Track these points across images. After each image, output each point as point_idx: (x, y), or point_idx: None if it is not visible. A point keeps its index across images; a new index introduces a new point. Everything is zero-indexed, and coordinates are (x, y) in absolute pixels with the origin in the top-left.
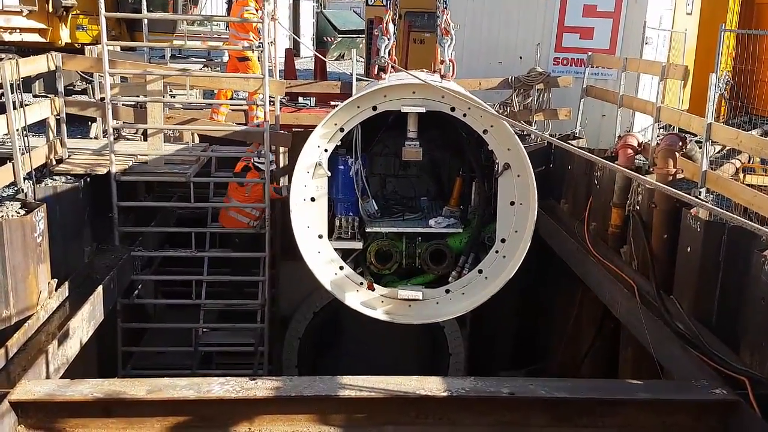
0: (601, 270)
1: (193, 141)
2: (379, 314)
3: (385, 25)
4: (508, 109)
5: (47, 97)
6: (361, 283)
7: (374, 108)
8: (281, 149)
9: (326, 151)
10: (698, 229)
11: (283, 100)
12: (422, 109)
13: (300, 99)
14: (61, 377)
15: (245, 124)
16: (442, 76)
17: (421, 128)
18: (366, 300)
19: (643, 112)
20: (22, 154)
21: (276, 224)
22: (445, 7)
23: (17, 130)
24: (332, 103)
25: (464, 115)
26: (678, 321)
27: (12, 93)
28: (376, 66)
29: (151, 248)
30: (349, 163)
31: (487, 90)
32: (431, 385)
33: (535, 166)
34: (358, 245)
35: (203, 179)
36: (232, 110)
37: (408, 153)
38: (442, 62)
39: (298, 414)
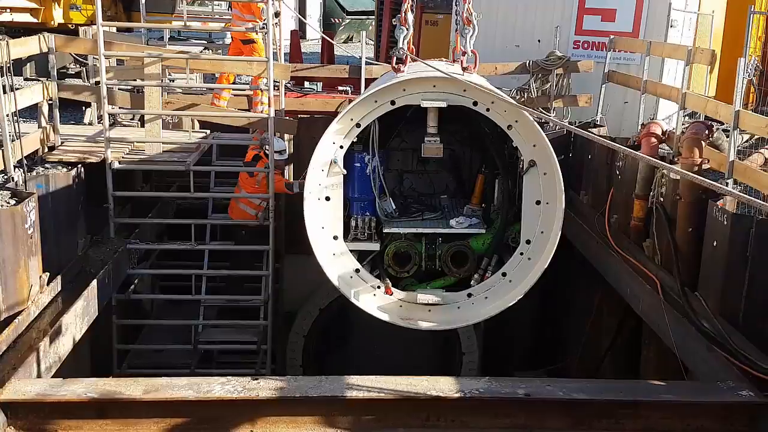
0: (622, 265)
1: (192, 127)
2: (397, 320)
3: (403, 14)
4: (526, 95)
5: (39, 80)
6: (379, 287)
7: (392, 102)
8: (286, 137)
9: (341, 147)
10: (725, 222)
11: (288, 85)
12: (443, 104)
13: (306, 84)
14: (53, 376)
15: (248, 110)
16: (464, 69)
17: (440, 121)
18: (383, 304)
19: (667, 98)
20: (12, 140)
21: (280, 215)
22: None
23: (7, 115)
24: (340, 88)
25: (487, 110)
26: (703, 319)
27: (1, 76)
28: (394, 58)
29: (148, 240)
30: (366, 161)
31: (503, 75)
32: (443, 386)
33: None
34: (375, 246)
35: (204, 168)
36: (235, 95)
37: (428, 150)
38: (463, 53)
39: (303, 416)
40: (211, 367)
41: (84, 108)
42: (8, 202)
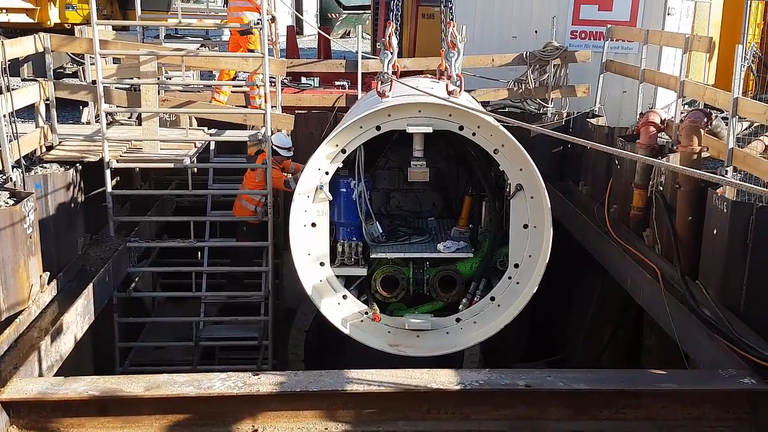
0: (622, 255)
1: (190, 125)
2: (385, 346)
3: (387, 38)
4: (523, 86)
5: (36, 80)
6: (366, 313)
7: (378, 128)
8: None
9: (327, 173)
10: (724, 210)
11: (286, 81)
12: (429, 129)
13: (303, 79)
14: (55, 375)
15: (245, 107)
16: (450, 92)
17: (426, 140)
18: (371, 330)
19: (666, 87)
20: (10, 141)
21: (279, 211)
22: (451, 19)
23: (4, 115)
24: (337, 83)
25: (473, 134)
26: (704, 307)
27: None
28: (379, 82)
29: (148, 238)
30: (352, 186)
31: (500, 66)
32: (443, 379)
33: (552, 147)
34: (362, 271)
35: (202, 165)
36: (232, 92)
37: (414, 174)
38: (449, 77)
39: (304, 410)
40: (213, 363)
41: (81, 107)
42: (6, 203)
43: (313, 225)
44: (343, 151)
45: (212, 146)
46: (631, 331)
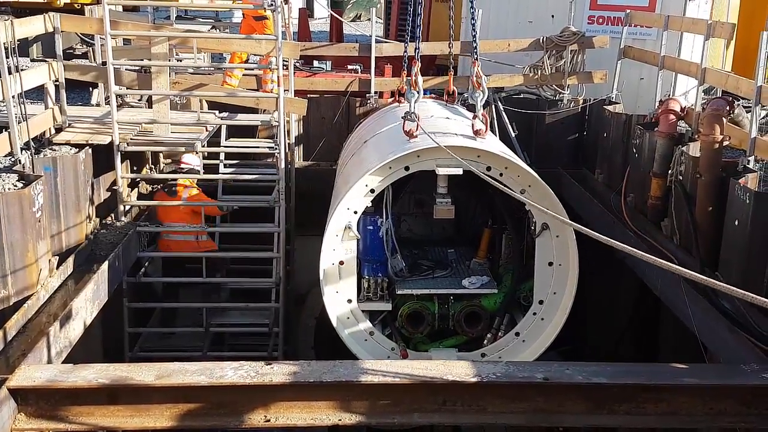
0: (639, 245)
1: (201, 108)
2: None
3: (413, 77)
4: (539, 72)
5: (45, 61)
6: (393, 349)
7: (407, 168)
8: (294, 117)
9: (355, 213)
10: (747, 201)
11: (297, 64)
12: (459, 171)
13: (315, 63)
14: (64, 361)
15: (257, 90)
16: (476, 132)
17: None
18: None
19: (686, 74)
20: (19, 122)
21: (292, 196)
22: (476, 59)
23: (13, 96)
24: (349, 67)
25: (501, 175)
26: (724, 299)
27: (7, 57)
28: (405, 121)
29: (157, 222)
30: (379, 223)
31: (516, 52)
32: (460, 371)
33: (567, 134)
34: (387, 306)
35: (213, 149)
36: (244, 75)
37: (440, 212)
38: (474, 117)
39: (317, 401)
40: (223, 349)
41: (91, 89)
42: (15, 185)
43: (341, 263)
44: (372, 190)
45: (223, 130)
46: (648, 322)
